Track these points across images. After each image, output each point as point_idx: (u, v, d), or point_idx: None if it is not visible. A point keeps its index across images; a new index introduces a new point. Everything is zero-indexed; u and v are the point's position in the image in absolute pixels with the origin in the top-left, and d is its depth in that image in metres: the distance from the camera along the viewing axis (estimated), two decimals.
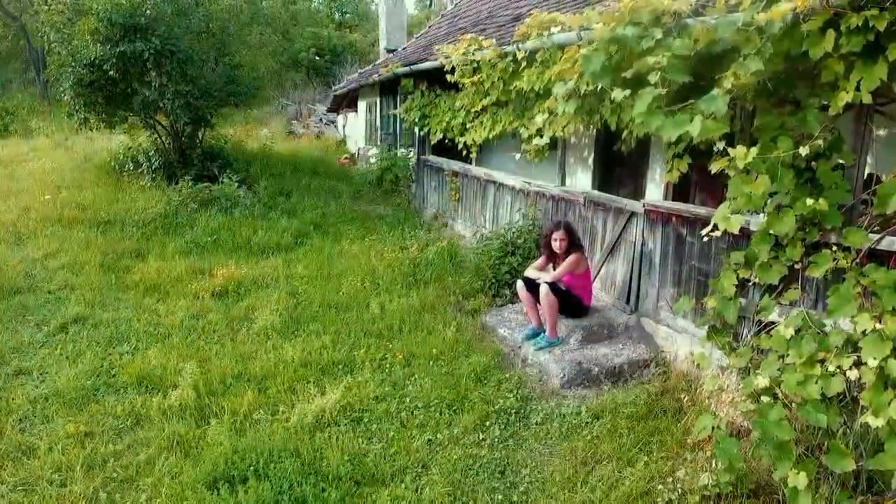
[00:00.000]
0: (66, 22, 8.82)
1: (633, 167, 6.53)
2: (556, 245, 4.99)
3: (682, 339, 4.71)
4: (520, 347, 5.12)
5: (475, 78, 6.45)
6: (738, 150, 3.36)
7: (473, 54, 6.53)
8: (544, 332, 5.07)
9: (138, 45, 8.20)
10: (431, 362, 4.85)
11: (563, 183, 6.31)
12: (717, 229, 3.59)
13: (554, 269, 5.11)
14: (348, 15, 29.83)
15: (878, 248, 3.31)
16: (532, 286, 5.04)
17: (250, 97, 9.74)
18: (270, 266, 6.92)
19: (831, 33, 3.12)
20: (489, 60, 6.18)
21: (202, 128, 9.56)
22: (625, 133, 4.81)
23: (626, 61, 4.10)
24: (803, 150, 3.25)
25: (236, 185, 8.77)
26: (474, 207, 7.89)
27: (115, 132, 9.84)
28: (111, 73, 8.36)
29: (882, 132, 4.30)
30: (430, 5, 26.93)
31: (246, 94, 9.49)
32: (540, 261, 5.21)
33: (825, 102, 3.42)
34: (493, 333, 5.47)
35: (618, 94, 3.87)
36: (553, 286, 4.90)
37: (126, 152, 10.01)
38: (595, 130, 6.62)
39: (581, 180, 7.02)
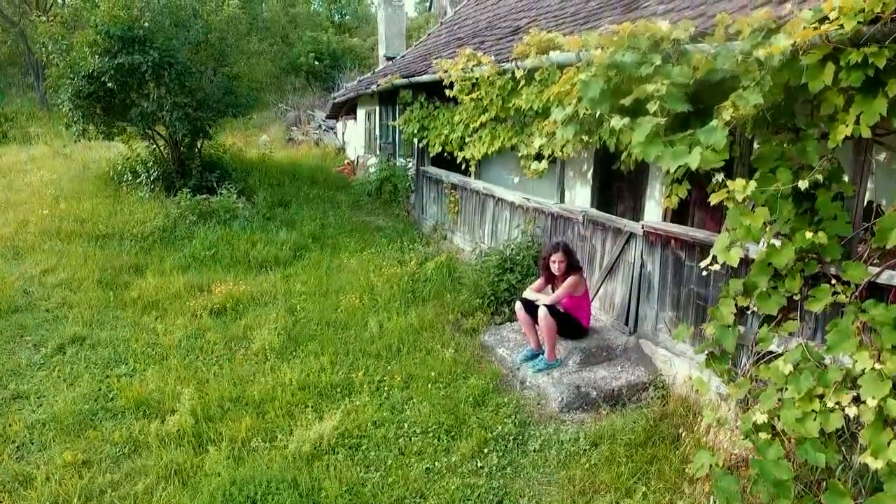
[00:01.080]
0: (64, 33, 8.80)
1: (633, 182, 6.52)
2: (554, 267, 4.98)
3: (680, 363, 4.70)
4: (518, 369, 5.11)
5: (474, 95, 6.43)
6: (737, 183, 3.34)
7: (472, 70, 6.51)
8: (543, 353, 5.06)
9: (136, 58, 8.18)
10: (430, 385, 4.84)
11: (561, 200, 6.30)
12: (717, 262, 3.58)
13: (553, 290, 5.10)
14: (347, 17, 29.77)
15: (878, 281, 3.30)
16: (531, 308, 5.03)
17: (249, 108, 9.72)
18: (269, 282, 6.91)
19: (831, 67, 3.10)
20: (487, 78, 6.16)
21: (200, 138, 9.54)
22: (623, 155, 4.81)
23: (625, 84, 4.09)
24: (802, 184, 3.24)
25: (235, 196, 8.75)
26: (473, 221, 7.87)
27: (114, 142, 9.78)
28: (109, 84, 8.34)
29: (881, 156, 4.29)
30: (430, 9, 26.88)
31: (244, 106, 9.47)
32: (538, 282, 5.20)
33: (825, 130, 3.42)
34: (491, 353, 5.46)
35: (616, 122, 3.85)
36: (551, 308, 4.89)
37: (124, 163, 9.99)
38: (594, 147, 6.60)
39: (580, 195, 7.00)
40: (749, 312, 3.96)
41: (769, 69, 3.23)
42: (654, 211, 5.96)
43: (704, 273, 4.48)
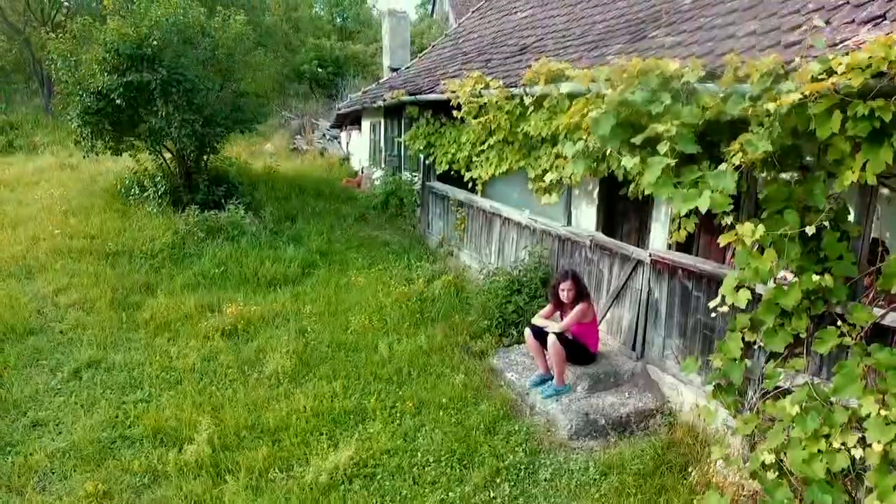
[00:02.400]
0: (73, 50, 8.87)
1: (639, 203, 6.58)
2: (563, 295, 5.06)
3: (687, 390, 4.79)
4: (527, 394, 5.20)
5: (482, 119, 6.51)
6: (746, 228, 3.43)
7: (480, 93, 6.59)
8: (552, 378, 5.15)
9: (145, 76, 8.26)
10: (441, 411, 4.92)
11: (568, 223, 6.38)
12: (725, 303, 3.66)
13: (561, 317, 5.18)
14: (349, 21, 29.81)
15: (883, 322, 3.38)
16: (540, 334, 5.12)
17: (256, 123, 9.80)
18: (278, 301, 6.99)
19: (838, 115, 3.18)
20: (496, 102, 6.24)
21: (208, 153, 9.62)
22: (632, 186, 4.89)
23: (634, 116, 4.17)
24: (810, 230, 3.32)
25: (242, 212, 8.83)
26: (480, 239, 7.96)
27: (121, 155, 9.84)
28: (118, 102, 8.42)
29: (885, 190, 4.37)
30: (432, 14, 26.95)
31: (251, 121, 9.55)
32: (547, 309, 5.28)
33: (832, 170, 3.51)
34: (500, 377, 5.55)
35: (627, 161, 3.94)
36: (560, 336, 4.98)
37: (132, 177, 10.07)
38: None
39: (586, 213, 7.07)
40: (756, 347, 4.04)
41: (778, 116, 3.31)
42: (659, 234, 6.04)
43: (713, 310, 4.59)
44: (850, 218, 3.63)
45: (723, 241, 3.60)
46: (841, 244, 3.57)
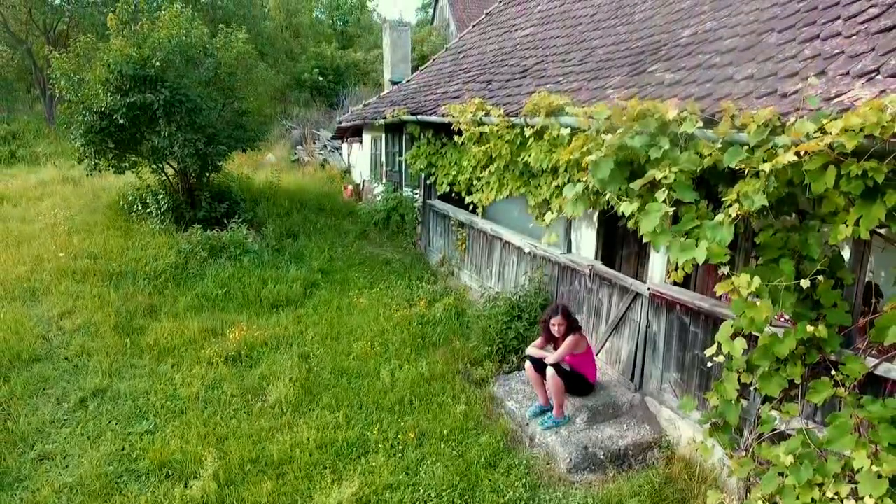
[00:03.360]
0: (76, 69, 8.93)
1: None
2: (554, 330, 5.14)
3: (684, 424, 4.85)
4: (527, 424, 5.27)
5: (482, 148, 6.57)
6: (742, 279, 3.49)
7: (481, 121, 6.65)
8: (551, 409, 5.22)
9: (148, 96, 8.32)
10: (442, 443, 4.99)
11: (568, 250, 6.45)
12: (721, 352, 3.73)
13: (554, 348, 5.25)
14: (350, 26, 29.85)
15: (876, 372, 3.45)
16: (539, 365, 5.19)
17: (257, 141, 9.86)
18: (281, 325, 7.06)
19: (833, 170, 3.24)
20: (497, 132, 6.30)
21: (210, 171, 9.69)
22: (631, 222, 4.95)
23: (633, 154, 4.23)
24: (804, 283, 3.39)
25: (244, 230, 8.89)
26: (480, 260, 8.02)
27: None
28: (121, 121, 8.49)
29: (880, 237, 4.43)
30: (432, 22, 26.99)
31: (253, 139, 9.61)
32: (539, 340, 5.36)
33: (826, 219, 3.57)
34: (501, 406, 5.62)
35: (626, 207, 4.00)
36: (558, 368, 5.06)
37: (134, 193, 10.14)
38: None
39: (586, 237, 7.12)
40: (752, 388, 4.10)
41: (775, 172, 3.37)
42: (658, 263, 6.07)
43: (710, 337, 4.66)
44: (845, 258, 3.70)
45: (719, 290, 3.67)
46: (835, 292, 3.63)
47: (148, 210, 9.82)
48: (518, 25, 10.31)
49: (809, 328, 3.46)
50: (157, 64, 8.28)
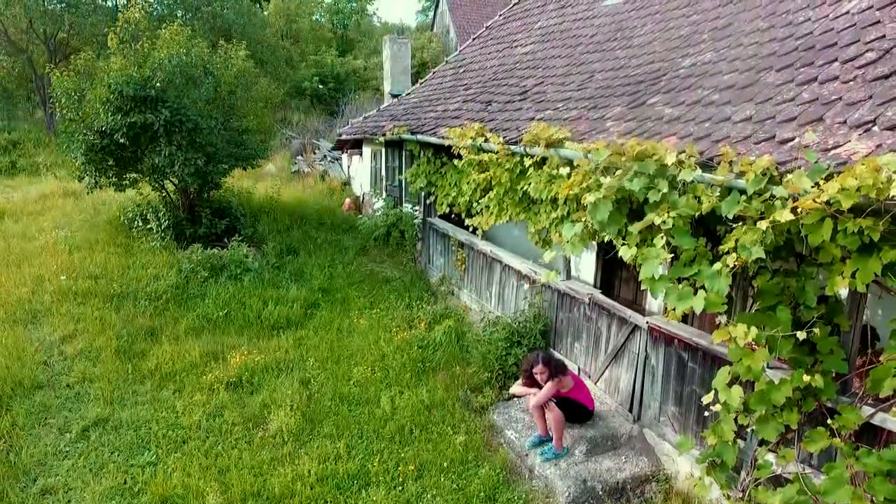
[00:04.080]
0: (76, 87, 8.94)
1: None
2: (538, 377, 5.18)
3: (682, 459, 4.88)
4: (527, 455, 5.31)
5: (482, 176, 6.60)
6: (739, 329, 3.53)
7: (480, 147, 6.67)
8: (550, 440, 5.26)
9: (149, 116, 8.34)
10: (442, 476, 5.03)
11: (568, 276, 6.47)
12: (718, 400, 3.76)
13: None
14: (350, 30, 29.83)
15: (872, 422, 3.49)
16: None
17: (257, 159, 9.89)
18: (282, 348, 7.09)
19: (829, 224, 3.27)
20: (496, 160, 6.33)
21: (210, 189, 9.71)
22: (628, 257, 4.98)
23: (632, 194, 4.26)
24: (801, 335, 3.42)
25: (245, 249, 8.92)
26: (480, 281, 8.05)
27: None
28: (122, 141, 8.51)
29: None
30: (433, 28, 26.97)
31: (253, 157, 9.64)
32: (521, 381, 5.40)
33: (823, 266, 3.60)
34: (500, 435, 5.65)
35: (625, 252, 4.04)
36: (559, 400, 5.10)
37: (135, 209, 10.16)
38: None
39: (586, 260, 7.12)
40: (749, 430, 4.14)
41: (772, 224, 3.39)
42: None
43: (707, 373, 4.69)
44: (843, 295, 3.72)
45: (716, 338, 3.70)
46: (832, 339, 3.66)
47: (148, 226, 9.84)
48: (518, 41, 10.33)
49: (805, 377, 3.49)
50: (158, 85, 8.30)
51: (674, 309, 4.61)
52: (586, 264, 7.11)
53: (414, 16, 34.13)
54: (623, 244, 4.13)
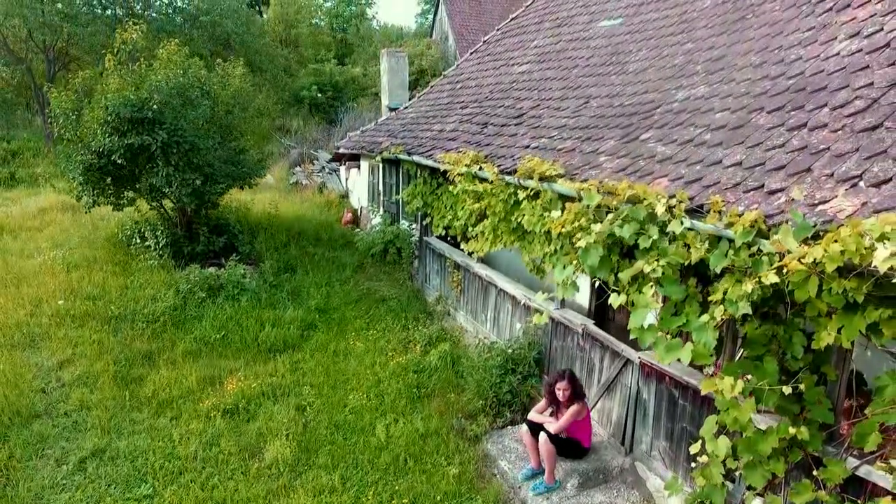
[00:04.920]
0: (74, 106, 8.98)
1: None
2: (559, 394, 5.21)
3: (673, 497, 4.94)
4: (520, 487, 5.35)
5: (477, 206, 6.64)
6: (726, 382, 3.57)
7: (475, 175, 6.71)
8: (543, 473, 5.30)
9: (146, 138, 8.38)
10: None
11: (562, 305, 6.51)
12: (705, 451, 3.80)
13: (556, 413, 5.33)
14: (350, 35, 29.84)
15: (857, 473, 3.53)
16: (535, 428, 5.28)
17: (254, 178, 9.93)
18: (278, 373, 7.14)
19: (815, 281, 3.32)
20: (491, 190, 6.37)
21: (207, 208, 9.76)
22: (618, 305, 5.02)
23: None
24: (787, 389, 3.47)
25: (242, 269, 8.96)
26: (476, 304, 8.10)
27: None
28: (119, 161, 8.55)
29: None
30: (431, 35, 26.99)
31: (250, 176, 9.68)
32: (541, 404, 5.44)
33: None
34: (494, 465, 5.70)
35: (615, 300, 4.08)
36: (552, 435, 5.14)
37: (133, 226, 10.21)
38: None
39: (580, 286, 7.21)
40: (738, 473, 4.19)
41: (759, 281, 3.44)
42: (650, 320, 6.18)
43: (698, 412, 4.74)
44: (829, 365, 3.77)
45: (704, 389, 3.74)
46: (818, 388, 3.71)
47: (146, 244, 9.89)
48: (515, 59, 10.36)
49: (791, 430, 3.53)
50: (155, 107, 8.34)
51: (668, 353, 4.68)
52: (580, 290, 7.16)
53: (413, 18, 34.17)
54: (613, 290, 4.17)
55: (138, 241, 10.01)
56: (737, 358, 4.47)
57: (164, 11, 18.41)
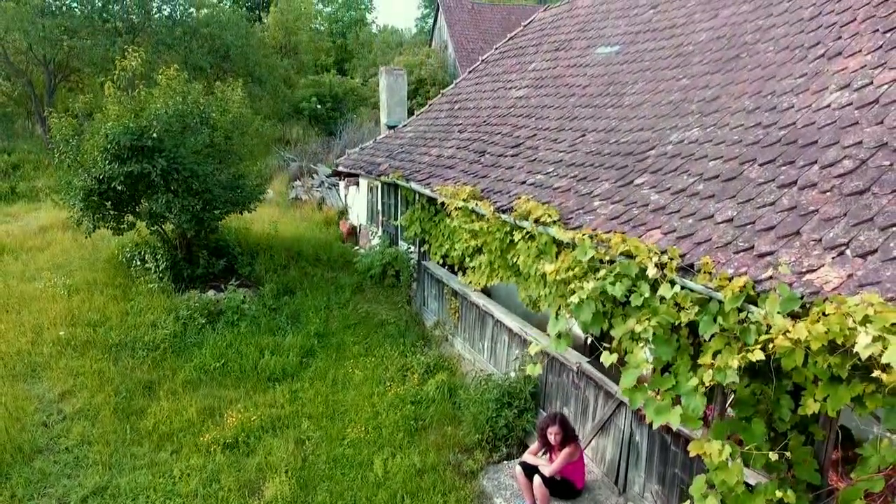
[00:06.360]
0: (74, 132, 9.04)
1: None
2: (551, 438, 5.29)
3: None
4: None
5: (474, 243, 6.71)
6: (714, 446, 3.64)
7: (473, 210, 6.79)
8: None
9: (146, 166, 8.45)
10: None
11: None
12: None
13: (549, 455, 5.41)
14: (349, 41, 29.86)
15: None
16: (529, 470, 5.36)
17: (254, 201, 10.00)
18: (277, 403, 7.22)
19: (801, 352, 3.38)
20: (487, 229, 6.44)
21: (206, 233, 9.84)
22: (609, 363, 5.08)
23: None
24: (773, 456, 3.54)
25: (241, 295, 9.04)
26: (473, 333, 8.17)
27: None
28: (119, 188, 8.62)
29: None
30: (430, 44, 27.02)
31: (249, 200, 9.75)
32: (535, 446, 5.52)
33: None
34: (490, 503, 5.79)
35: (606, 358, 4.15)
36: (545, 477, 5.23)
37: (133, 248, 10.28)
38: None
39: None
40: None
41: (748, 349, 3.52)
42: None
43: (689, 459, 4.82)
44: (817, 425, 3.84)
45: (692, 451, 3.82)
46: (806, 448, 3.79)
47: (146, 266, 9.96)
48: (512, 83, 10.42)
49: (778, 493, 3.61)
50: (154, 136, 8.40)
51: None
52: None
53: (413, 22, 34.18)
54: (605, 348, 4.24)
55: (138, 263, 10.08)
56: (727, 406, 4.57)
57: (164, 24, 18.46)
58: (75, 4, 17.86)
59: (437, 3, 27.48)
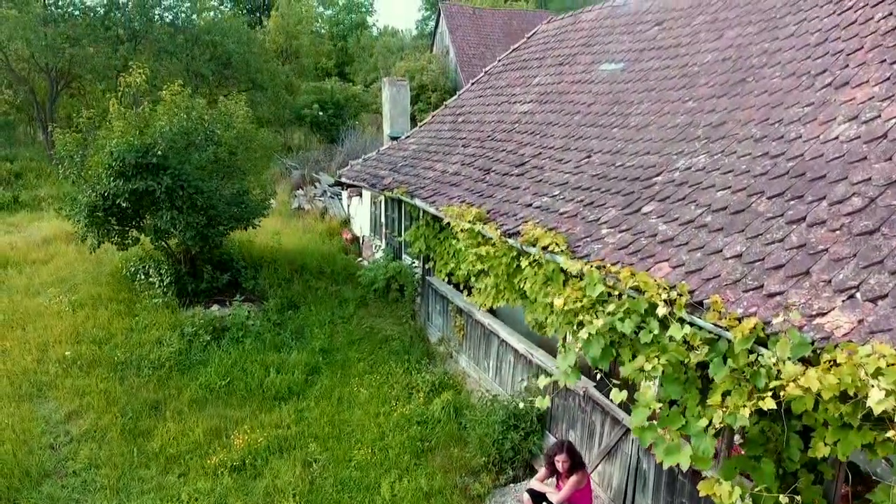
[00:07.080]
0: (78, 147, 9.05)
1: None
2: (559, 465, 5.31)
3: None
4: None
5: (479, 266, 6.73)
6: (724, 489, 3.67)
7: (479, 231, 6.80)
8: None
9: (150, 183, 8.46)
10: None
11: None
12: None
13: (557, 482, 5.43)
14: (350, 44, 29.85)
15: None
16: (536, 497, 5.39)
17: (258, 217, 10.02)
18: (284, 423, 7.24)
19: (811, 398, 3.39)
20: (493, 253, 6.45)
21: (210, 248, 9.85)
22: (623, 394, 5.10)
23: None
24: (784, 499, 3.56)
25: (246, 311, 9.05)
26: (478, 352, 8.19)
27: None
28: (124, 205, 8.64)
29: None
30: (432, 49, 27.00)
31: (253, 216, 9.76)
32: (542, 472, 5.54)
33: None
34: None
35: (616, 395, 4.17)
36: None
37: (137, 262, 10.30)
38: None
39: None
40: None
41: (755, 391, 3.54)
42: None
43: (696, 490, 4.84)
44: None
45: (702, 491, 3.84)
46: (815, 488, 3.81)
47: (151, 280, 9.97)
48: (517, 97, 10.43)
49: None
50: (159, 153, 8.41)
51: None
52: None
53: (414, 24, 34.13)
54: (615, 385, 4.26)
55: (143, 277, 10.09)
56: (735, 441, 4.59)
57: (166, 31, 18.45)
58: (77, 13, 17.86)
59: (438, 8, 27.47)
